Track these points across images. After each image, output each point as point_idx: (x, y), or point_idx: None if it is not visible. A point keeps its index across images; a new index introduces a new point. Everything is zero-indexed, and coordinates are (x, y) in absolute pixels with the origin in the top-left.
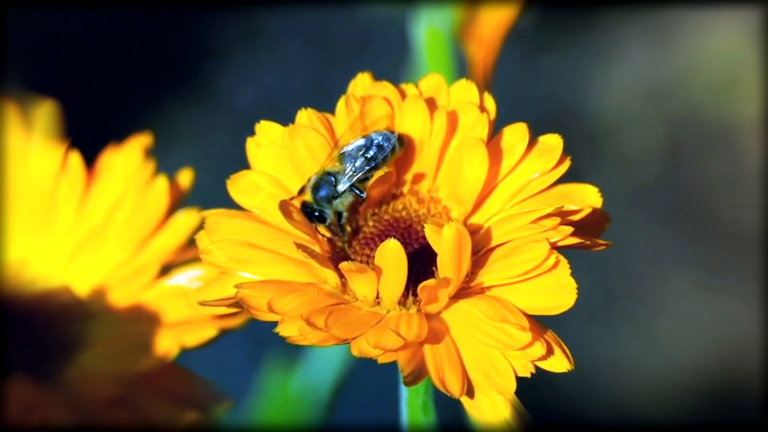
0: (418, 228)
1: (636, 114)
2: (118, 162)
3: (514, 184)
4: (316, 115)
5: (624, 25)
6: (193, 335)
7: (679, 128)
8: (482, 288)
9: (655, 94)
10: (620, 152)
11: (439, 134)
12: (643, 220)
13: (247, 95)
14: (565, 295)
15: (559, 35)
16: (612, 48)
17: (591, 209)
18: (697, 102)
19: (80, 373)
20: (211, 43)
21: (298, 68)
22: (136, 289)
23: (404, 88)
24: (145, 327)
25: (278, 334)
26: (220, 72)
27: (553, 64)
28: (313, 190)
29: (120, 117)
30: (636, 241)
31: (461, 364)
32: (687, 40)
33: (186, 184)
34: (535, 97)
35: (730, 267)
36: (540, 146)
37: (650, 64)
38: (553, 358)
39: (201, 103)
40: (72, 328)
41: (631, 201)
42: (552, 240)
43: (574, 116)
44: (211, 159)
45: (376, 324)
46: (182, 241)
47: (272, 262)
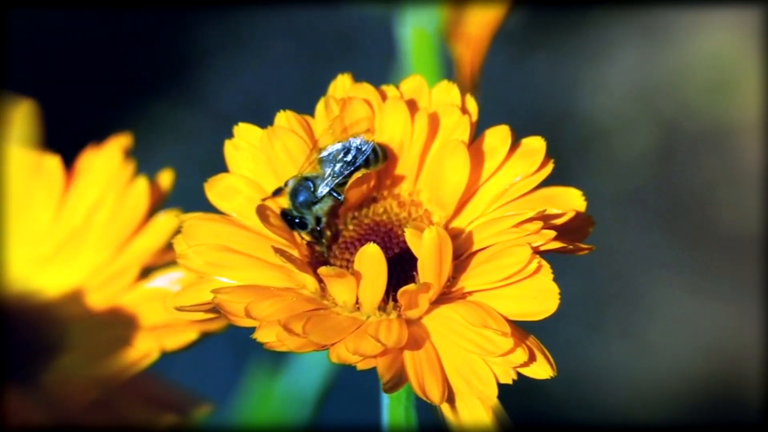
0: (399, 232)
1: (627, 115)
2: (97, 163)
3: (496, 187)
4: (296, 118)
5: (615, 25)
6: (174, 339)
7: (672, 130)
8: (463, 293)
9: (646, 95)
10: (611, 154)
11: (420, 137)
12: (635, 224)
13: (233, 97)
14: (548, 300)
15: (549, 35)
16: (603, 48)
17: (574, 213)
18: (689, 103)
19: (59, 377)
20: (197, 44)
21: (286, 69)
22: (115, 292)
23: (385, 89)
24: (124, 330)
25: (256, 339)
26: (207, 73)
27: (542, 65)
28: (292, 197)
29: (104, 118)
30: (627, 244)
31: (442, 371)
32: (679, 40)
33: (167, 185)
34: (524, 98)
35: (723, 271)
36: (523, 149)
37: (642, 64)
38: (535, 364)
39: (187, 105)
40: (51, 332)
41: (622, 204)
42: (534, 244)
43: (564, 118)
44: (196, 161)
45: (355, 330)
46: (163, 243)
47: (250, 267)
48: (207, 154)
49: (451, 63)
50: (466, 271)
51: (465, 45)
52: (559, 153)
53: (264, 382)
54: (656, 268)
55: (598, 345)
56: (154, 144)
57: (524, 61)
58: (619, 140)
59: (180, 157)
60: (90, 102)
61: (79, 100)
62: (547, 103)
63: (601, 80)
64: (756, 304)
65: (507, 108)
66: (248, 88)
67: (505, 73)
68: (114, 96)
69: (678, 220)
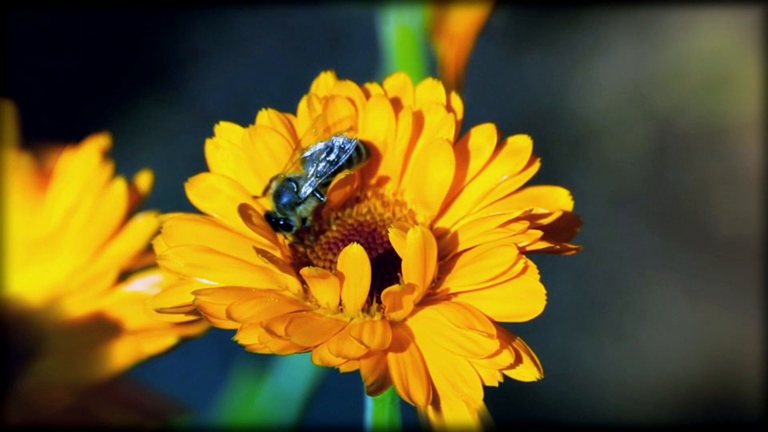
0: (383, 232)
1: (620, 114)
2: (74, 164)
3: (482, 186)
4: (277, 116)
5: (608, 23)
6: (153, 343)
7: (666, 129)
8: (448, 294)
9: (640, 94)
10: (604, 154)
11: (404, 135)
12: (629, 225)
13: (218, 96)
14: (535, 301)
15: (540, 33)
16: (595, 46)
17: (561, 212)
18: (684, 102)
19: (36, 383)
20: (182, 42)
21: (272, 68)
22: (93, 296)
23: (369, 87)
24: (102, 335)
25: (238, 342)
26: (192, 72)
27: (533, 63)
28: (275, 198)
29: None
30: (621, 246)
31: (426, 373)
32: (673, 38)
33: (145, 187)
34: (514, 97)
35: (720, 273)
36: (509, 147)
37: (635, 62)
38: (521, 366)
39: (172, 104)
40: (26, 337)
41: (615, 205)
42: (520, 244)
43: (556, 117)
44: (180, 161)
45: (338, 332)
46: (141, 246)
47: (231, 268)
48: (191, 154)
49: (436, 61)
50: (451, 272)
51: (449, 42)
52: (550, 153)
53: (249, 385)
54: (650, 270)
55: (591, 348)
56: (137, 143)
57: (514, 59)
58: (612, 140)
59: (164, 157)
60: (72, 101)
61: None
62: (537, 102)
63: (593, 78)
64: (754, 307)
65: (496, 107)
66: (234, 87)
67: (494, 72)
68: (97, 95)
69: (673, 221)
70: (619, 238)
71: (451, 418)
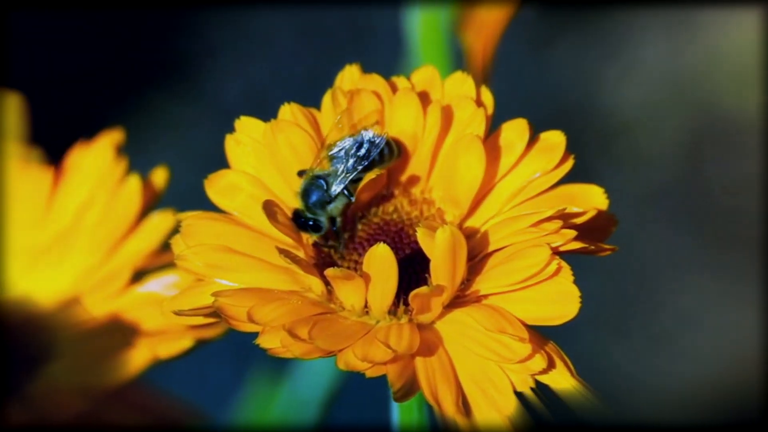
0: (410, 232)
1: (653, 109)
2: (87, 160)
3: (513, 184)
4: (300, 111)
5: (640, 13)
6: (168, 346)
7: (700, 124)
8: (478, 296)
9: (674, 88)
10: (636, 150)
11: (432, 131)
12: (661, 223)
13: (235, 89)
14: (568, 304)
15: (570, 24)
16: (627, 38)
17: (596, 211)
18: (719, 96)
19: (47, 387)
20: (198, 33)
21: (290, 61)
22: (106, 297)
23: (395, 81)
24: (116, 338)
25: (259, 345)
26: (208, 65)
27: (563, 56)
28: (304, 197)
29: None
30: (653, 245)
31: (455, 378)
32: (709, 29)
33: (161, 184)
34: (544, 91)
35: (755, 274)
36: (541, 144)
37: (669, 54)
38: (554, 372)
39: (187, 98)
40: (37, 339)
41: (648, 202)
42: (554, 245)
43: (586, 112)
44: (197, 157)
45: (364, 335)
46: (156, 245)
47: (253, 269)
48: (208, 149)
49: (462, 53)
50: (481, 273)
51: (476, 34)
52: (580, 148)
53: (266, 389)
54: (684, 270)
55: (622, 352)
56: (152, 139)
57: (544, 51)
58: (645, 135)
59: (179, 153)
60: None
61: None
62: (568, 96)
63: (625, 71)
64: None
65: (525, 101)
66: (251, 80)
67: (523, 65)
68: (111, 89)
69: (707, 220)
70: (650, 236)
71: (481, 425)
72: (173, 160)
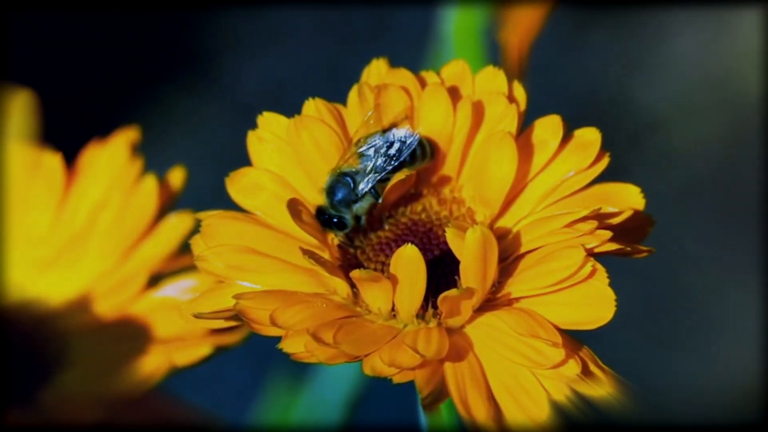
0: (439, 232)
1: (689, 104)
2: (101, 160)
3: (547, 183)
4: (326, 106)
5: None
6: (185, 353)
7: (739, 119)
8: (510, 299)
9: (710, 82)
10: (672, 146)
11: (462, 127)
12: (697, 223)
13: (254, 84)
14: (603, 307)
15: (603, 16)
16: (663, 29)
17: (632, 212)
18: (757, 90)
19: (60, 396)
20: (216, 28)
21: (310, 53)
22: (121, 302)
23: (424, 75)
24: (131, 344)
25: (282, 350)
26: (225, 60)
27: (595, 51)
28: (329, 194)
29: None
30: (688, 245)
31: (486, 385)
32: (746, 20)
33: (178, 184)
34: (576, 85)
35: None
36: (576, 141)
37: (705, 47)
38: (590, 379)
39: (204, 93)
40: (50, 345)
41: (683, 201)
42: (588, 246)
43: (619, 106)
44: (214, 154)
45: (391, 339)
46: (173, 248)
47: (276, 270)
48: (226, 147)
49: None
50: (512, 275)
51: (513, 26)
52: (614, 145)
53: (285, 396)
54: (721, 271)
55: (656, 357)
56: (168, 137)
57: (575, 46)
58: (680, 131)
59: (196, 150)
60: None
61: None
62: (600, 90)
63: (660, 65)
64: None
65: (557, 96)
66: (270, 75)
67: (554, 58)
68: (127, 86)
69: (746, 218)
70: (686, 236)
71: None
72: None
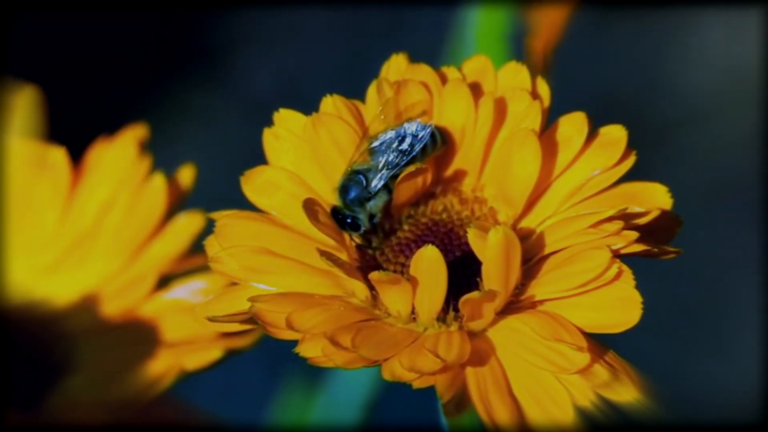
0: (461, 233)
1: (719, 97)
2: (108, 157)
3: (571, 182)
4: (344, 103)
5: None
6: (196, 357)
7: None
8: (533, 302)
9: (742, 73)
10: (700, 142)
11: (484, 125)
12: (726, 221)
13: (267, 78)
14: (629, 310)
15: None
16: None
17: (659, 212)
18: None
19: (66, 401)
20: (226, 19)
21: (326, 48)
22: (129, 304)
23: (445, 71)
24: (140, 348)
25: (298, 354)
26: (235, 54)
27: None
28: (342, 193)
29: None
30: (718, 245)
31: (509, 391)
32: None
33: (188, 182)
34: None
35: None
36: (601, 139)
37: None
38: (616, 384)
39: (216, 89)
40: (56, 349)
41: (712, 198)
42: (614, 247)
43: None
44: (226, 152)
45: (411, 343)
46: (183, 249)
47: (292, 272)
48: (239, 144)
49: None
50: (536, 277)
51: (540, 18)
52: (639, 142)
53: (300, 400)
54: (751, 272)
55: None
56: (179, 134)
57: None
58: (710, 125)
59: (208, 148)
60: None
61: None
62: (626, 83)
63: (689, 56)
64: None
65: (581, 92)
66: (284, 68)
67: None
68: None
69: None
70: (715, 235)
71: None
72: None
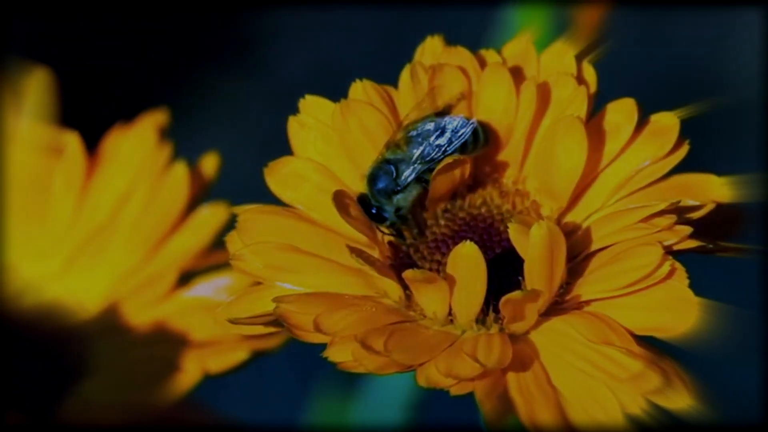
0: (501, 228)
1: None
2: (126, 146)
3: (620, 173)
4: (375, 88)
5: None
6: (220, 359)
7: None
8: (579, 302)
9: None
10: (762, 130)
11: (526, 112)
12: None
13: (298, 62)
14: (683, 311)
15: None
16: None
17: (714, 205)
18: None
19: (81, 405)
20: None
21: (360, 30)
22: (149, 302)
23: (484, 54)
24: (160, 349)
25: (327, 359)
26: (268, 34)
27: (679, 22)
28: (370, 182)
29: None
30: None
31: (555, 398)
32: None
33: (211, 172)
34: (655, 62)
35: None
36: (652, 127)
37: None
38: (670, 391)
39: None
40: (71, 350)
41: None
42: (666, 243)
43: (703, 86)
44: (254, 141)
45: (448, 347)
46: (206, 243)
47: (320, 271)
48: (267, 133)
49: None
50: (582, 275)
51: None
52: (698, 130)
53: (334, 407)
54: None
55: (746, 367)
56: (203, 121)
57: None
58: None
59: (233, 136)
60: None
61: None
62: (682, 68)
63: (750, 39)
64: None
65: (632, 75)
66: (316, 52)
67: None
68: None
69: None
70: None
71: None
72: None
